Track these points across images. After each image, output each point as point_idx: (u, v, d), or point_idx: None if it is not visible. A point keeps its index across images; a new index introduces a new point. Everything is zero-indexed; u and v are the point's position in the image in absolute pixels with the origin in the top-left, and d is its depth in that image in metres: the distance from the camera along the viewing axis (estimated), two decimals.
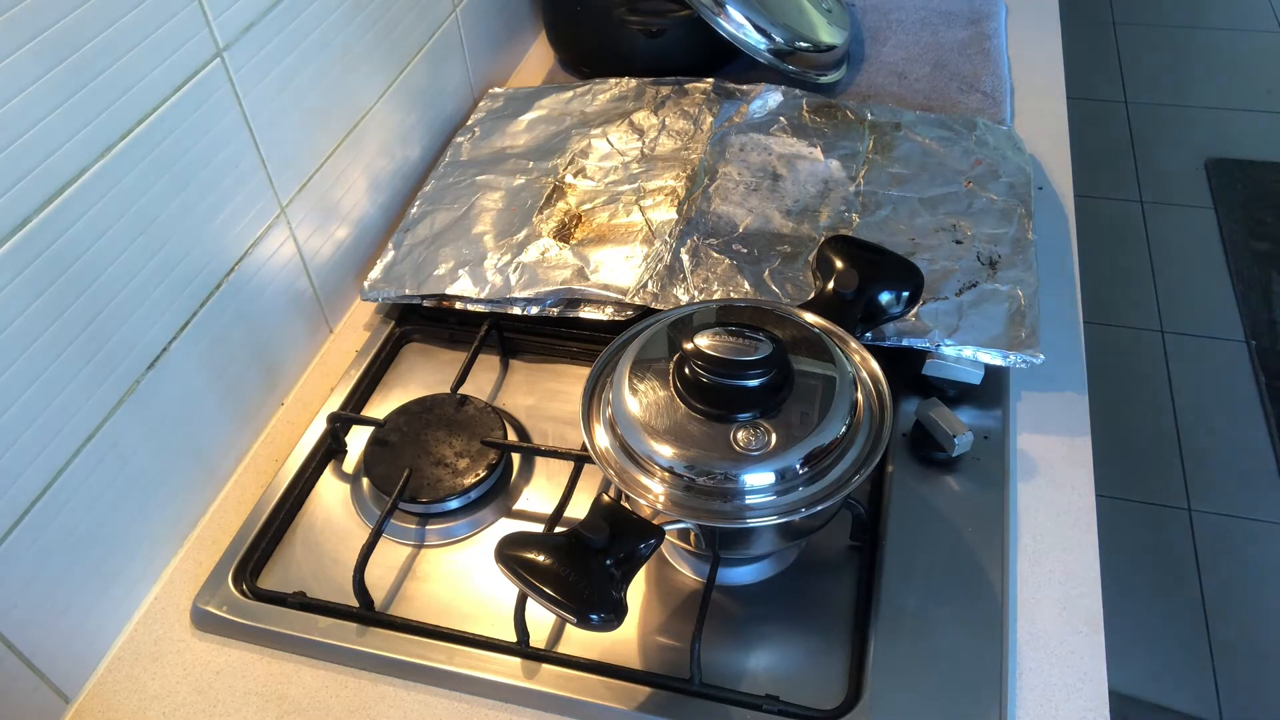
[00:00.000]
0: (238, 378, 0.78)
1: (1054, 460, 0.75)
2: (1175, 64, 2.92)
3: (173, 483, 0.72)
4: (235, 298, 0.76)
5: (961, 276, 0.82)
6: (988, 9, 1.23)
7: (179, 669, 0.67)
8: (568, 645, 0.66)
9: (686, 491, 0.59)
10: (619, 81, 1.10)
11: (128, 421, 0.67)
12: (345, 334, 0.91)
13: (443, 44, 1.04)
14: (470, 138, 1.05)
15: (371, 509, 0.75)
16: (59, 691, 0.64)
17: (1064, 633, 0.65)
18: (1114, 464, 1.85)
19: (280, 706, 0.65)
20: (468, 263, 0.88)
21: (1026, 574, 0.68)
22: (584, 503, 0.68)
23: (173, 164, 0.68)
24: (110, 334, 0.65)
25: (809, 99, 1.05)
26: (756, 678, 0.64)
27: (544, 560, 0.56)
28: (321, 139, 0.85)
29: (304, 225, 0.84)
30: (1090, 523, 0.71)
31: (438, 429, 0.77)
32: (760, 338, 0.61)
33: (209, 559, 0.73)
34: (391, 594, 0.70)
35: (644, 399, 0.62)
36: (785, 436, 0.59)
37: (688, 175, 0.95)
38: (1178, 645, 1.48)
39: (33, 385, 0.59)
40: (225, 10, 0.70)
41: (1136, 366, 2.05)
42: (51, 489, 0.61)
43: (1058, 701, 0.61)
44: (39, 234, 0.58)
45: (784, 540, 0.67)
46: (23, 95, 0.55)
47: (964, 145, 0.97)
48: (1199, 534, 1.75)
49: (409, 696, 0.65)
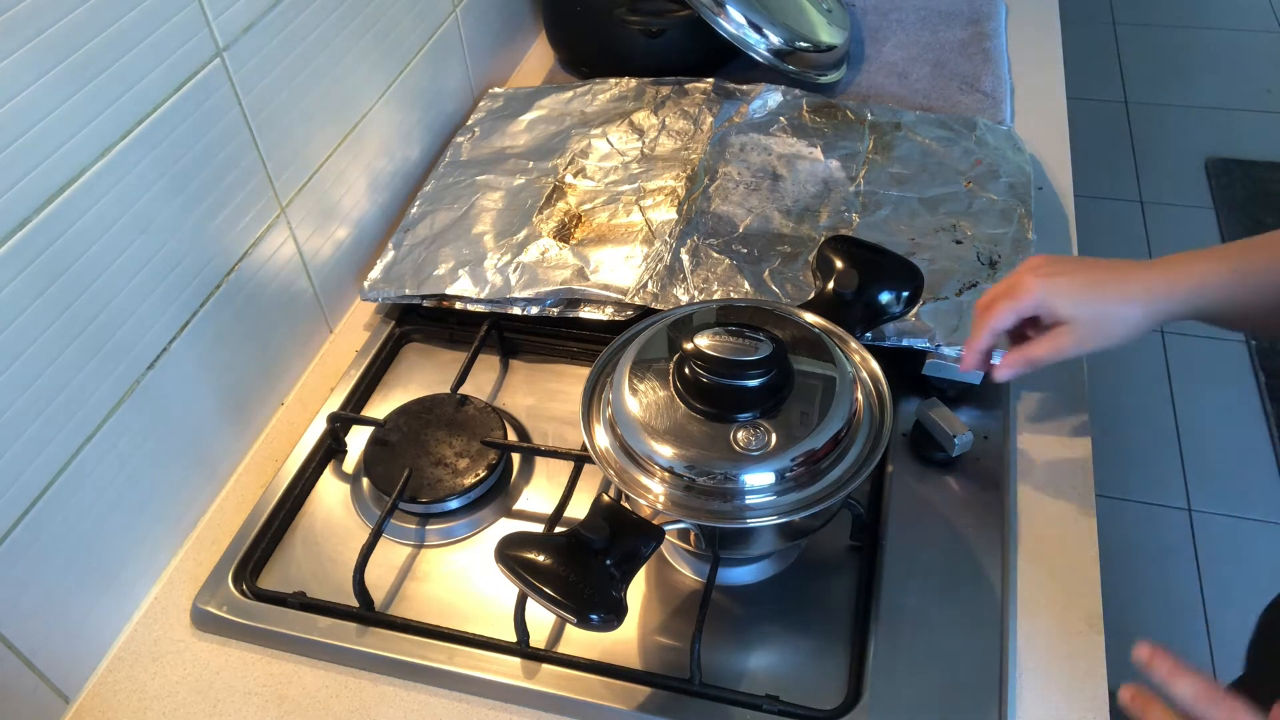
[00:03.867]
0: (238, 378, 0.78)
1: (1054, 460, 0.75)
2: (1175, 64, 2.92)
3: (173, 483, 0.72)
4: (235, 298, 0.76)
5: (961, 276, 0.82)
6: (988, 9, 1.23)
7: (179, 669, 0.67)
8: (568, 645, 0.66)
9: (686, 491, 0.59)
10: (619, 81, 1.10)
11: (128, 421, 0.67)
12: (345, 334, 0.91)
13: (443, 44, 1.04)
14: (470, 138, 1.05)
15: (371, 509, 0.75)
16: (59, 692, 0.64)
17: (1064, 633, 0.65)
18: (1114, 464, 1.85)
19: (280, 706, 0.65)
20: (468, 263, 0.88)
21: (1026, 574, 0.68)
22: (584, 503, 0.68)
23: (173, 164, 0.68)
24: (110, 334, 0.65)
25: (809, 99, 1.05)
26: (756, 678, 0.64)
27: (544, 560, 0.56)
28: (321, 139, 0.85)
29: (304, 225, 0.84)
30: (1090, 523, 0.71)
31: (438, 429, 0.77)
32: (760, 338, 0.61)
33: (209, 559, 0.73)
34: (391, 594, 0.70)
35: (644, 399, 0.62)
36: (785, 436, 0.59)
37: (688, 175, 0.95)
38: (1178, 645, 1.48)
39: (33, 385, 0.59)
40: (225, 10, 0.70)
41: (1136, 366, 2.05)
42: (51, 489, 0.61)
43: (1058, 701, 0.61)
44: (39, 234, 0.58)
45: (784, 540, 0.67)
46: (23, 95, 0.55)
47: (964, 145, 0.97)
48: (1199, 534, 1.75)
49: (409, 696, 0.65)
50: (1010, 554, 0.69)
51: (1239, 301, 0.64)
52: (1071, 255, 0.72)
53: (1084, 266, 0.67)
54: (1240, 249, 0.65)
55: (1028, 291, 0.66)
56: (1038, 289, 0.66)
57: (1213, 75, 2.85)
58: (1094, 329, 0.66)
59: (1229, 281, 0.64)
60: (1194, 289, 0.65)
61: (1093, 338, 0.66)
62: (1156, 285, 0.65)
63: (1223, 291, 0.64)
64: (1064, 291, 0.66)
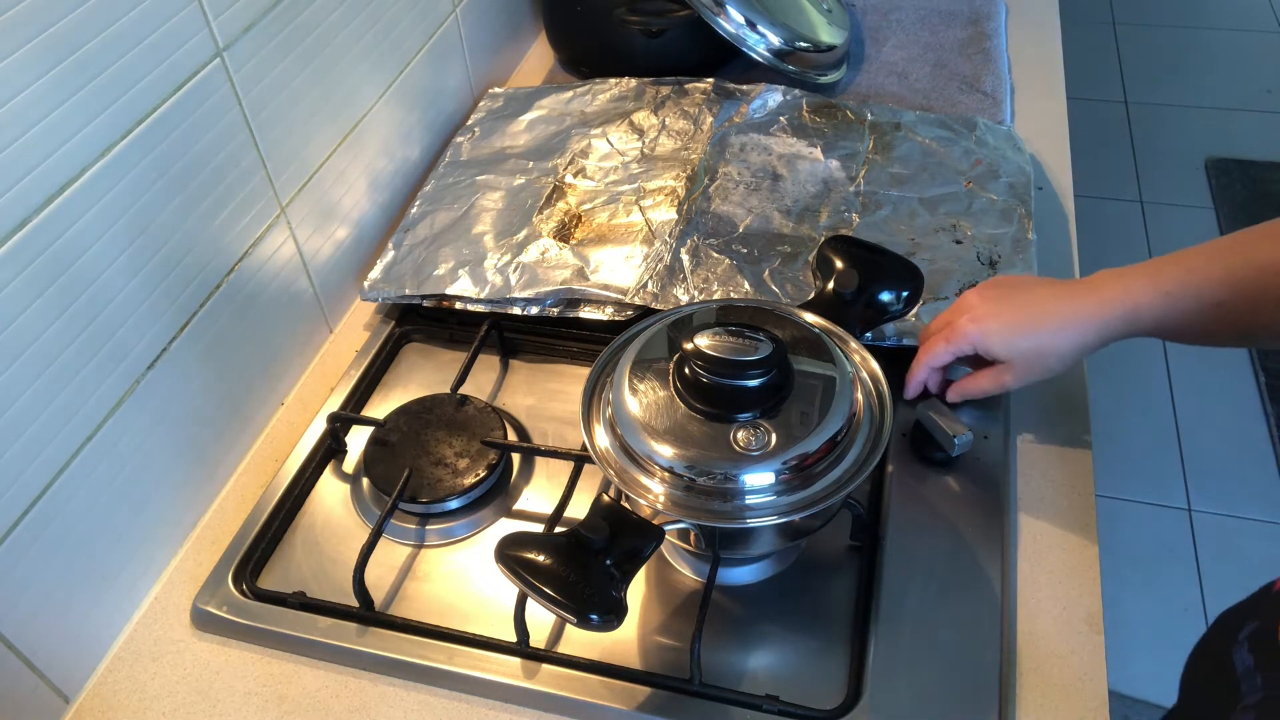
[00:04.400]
0: (238, 378, 0.78)
1: (1054, 460, 0.75)
2: (1175, 64, 2.92)
3: (173, 483, 0.72)
4: (235, 298, 0.76)
5: (961, 276, 0.82)
6: (988, 9, 1.23)
7: (179, 669, 0.67)
8: (568, 645, 0.66)
9: (686, 491, 0.59)
10: (619, 81, 1.10)
11: (128, 421, 0.67)
12: (345, 334, 0.91)
13: (443, 44, 1.04)
14: (470, 138, 1.05)
15: (371, 509, 0.75)
16: (59, 691, 0.64)
17: (1064, 633, 0.65)
18: (1114, 464, 1.85)
19: (280, 706, 0.65)
20: (468, 263, 0.88)
21: (1026, 574, 0.68)
22: (584, 503, 0.68)
23: (173, 164, 0.68)
24: (110, 334, 0.64)
25: (809, 99, 1.05)
26: (756, 678, 0.64)
27: (544, 560, 0.56)
28: (321, 139, 0.85)
29: (304, 225, 0.84)
30: (1090, 523, 0.71)
31: (438, 429, 0.77)
32: (760, 338, 0.61)
33: (209, 559, 0.73)
34: (391, 594, 0.70)
35: (644, 399, 0.62)
36: (785, 436, 0.59)
37: (688, 175, 0.95)
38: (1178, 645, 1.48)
39: (33, 385, 0.59)
40: (225, 10, 0.70)
41: (1136, 366, 2.05)
42: (51, 489, 0.61)
43: (1058, 701, 0.61)
44: (39, 234, 0.58)
45: (784, 540, 0.67)
46: (23, 95, 0.55)
47: (964, 145, 0.97)
48: (1199, 534, 1.75)
49: (409, 696, 0.65)
50: (1010, 554, 0.69)
51: (1173, 323, 0.64)
52: (1014, 278, 0.72)
53: (1016, 304, 0.68)
54: (1177, 264, 0.64)
55: (962, 336, 0.69)
56: (971, 334, 0.68)
57: (1213, 75, 2.85)
58: (1031, 365, 0.68)
59: (1160, 305, 0.63)
60: (1127, 315, 0.65)
61: (1031, 373, 0.68)
62: (1088, 310, 0.65)
63: (1155, 313, 0.64)
64: (996, 333, 0.68)
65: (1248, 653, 0.51)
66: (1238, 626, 0.54)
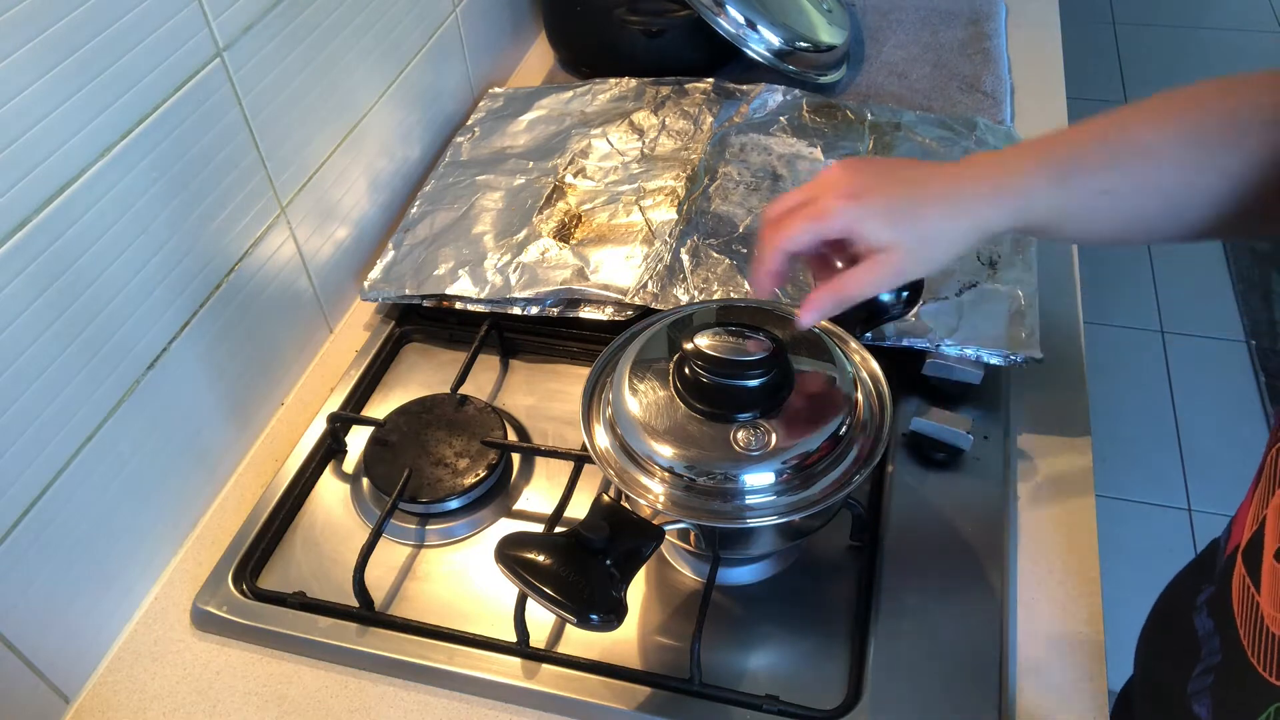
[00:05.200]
0: (238, 378, 0.78)
1: (1054, 460, 0.75)
2: (1175, 64, 2.92)
3: (173, 483, 0.72)
4: (235, 298, 0.76)
5: (961, 276, 0.82)
6: (988, 9, 1.23)
7: (179, 669, 0.67)
8: (568, 645, 0.66)
9: (686, 491, 0.59)
10: (619, 81, 1.10)
11: (128, 422, 0.67)
12: (345, 334, 0.91)
13: (443, 44, 1.04)
14: (470, 138, 1.05)
15: (371, 509, 0.75)
16: (59, 691, 0.64)
17: (1064, 632, 0.65)
18: (1114, 464, 1.85)
19: (280, 706, 0.65)
20: (468, 263, 0.88)
21: (1026, 574, 0.68)
22: (584, 503, 0.68)
23: (173, 164, 0.68)
24: (110, 334, 0.64)
25: (809, 99, 1.05)
26: (756, 678, 0.64)
27: (544, 560, 0.56)
28: (321, 139, 0.85)
29: (304, 225, 0.84)
30: (1090, 523, 0.71)
31: (438, 429, 0.77)
32: (760, 338, 0.61)
33: (209, 559, 0.73)
34: (391, 594, 0.70)
35: (644, 399, 0.62)
36: (785, 436, 0.59)
37: (688, 175, 0.95)
38: None
39: (33, 385, 0.59)
40: (225, 10, 0.70)
41: (1136, 366, 2.05)
42: (51, 489, 0.61)
43: (1058, 701, 0.61)
44: (39, 234, 0.58)
45: (784, 540, 0.67)
46: (23, 95, 0.55)
47: (964, 145, 0.97)
48: (1199, 534, 1.75)
49: (409, 696, 0.65)
50: (1010, 554, 0.69)
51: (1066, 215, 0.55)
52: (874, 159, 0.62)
53: (895, 180, 0.57)
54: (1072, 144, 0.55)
55: (833, 214, 0.55)
56: (845, 211, 0.55)
57: (1213, 75, 2.84)
58: (916, 255, 0.55)
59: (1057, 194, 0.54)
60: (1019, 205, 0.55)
61: (915, 265, 0.56)
62: (982, 192, 0.55)
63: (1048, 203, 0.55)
64: (880, 213, 0.55)
65: (1207, 617, 0.51)
66: (1195, 591, 0.53)
